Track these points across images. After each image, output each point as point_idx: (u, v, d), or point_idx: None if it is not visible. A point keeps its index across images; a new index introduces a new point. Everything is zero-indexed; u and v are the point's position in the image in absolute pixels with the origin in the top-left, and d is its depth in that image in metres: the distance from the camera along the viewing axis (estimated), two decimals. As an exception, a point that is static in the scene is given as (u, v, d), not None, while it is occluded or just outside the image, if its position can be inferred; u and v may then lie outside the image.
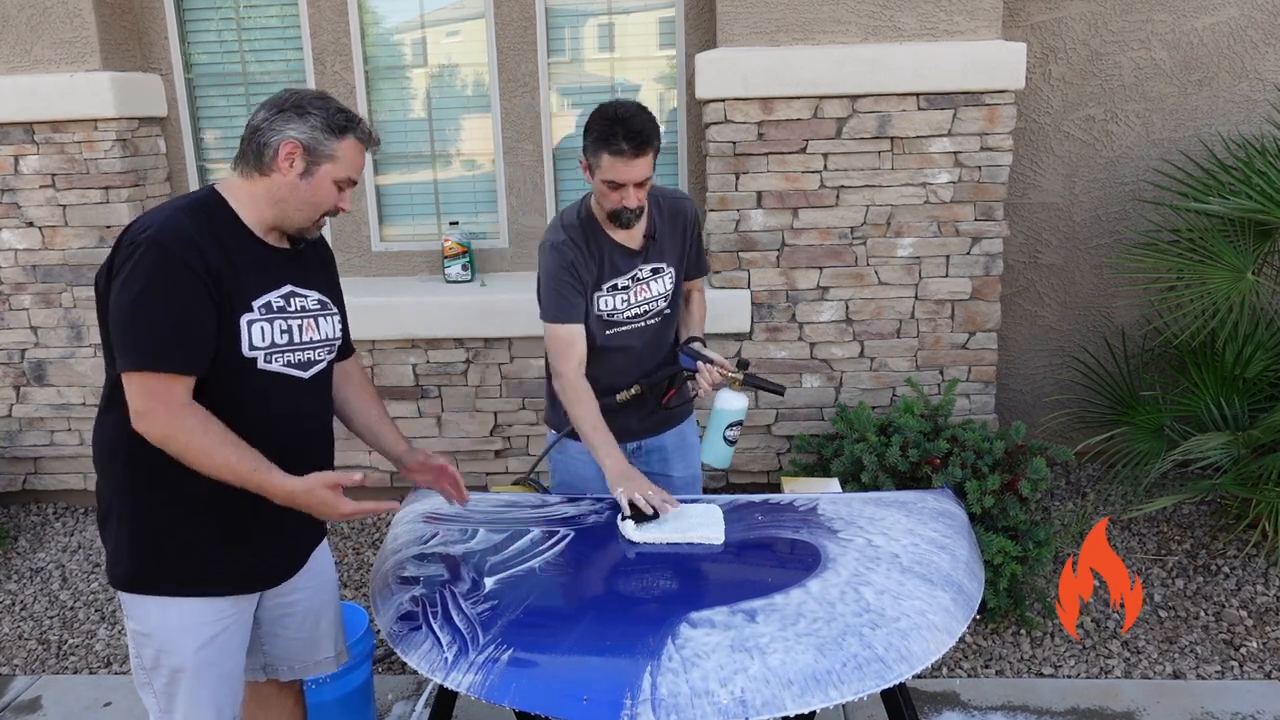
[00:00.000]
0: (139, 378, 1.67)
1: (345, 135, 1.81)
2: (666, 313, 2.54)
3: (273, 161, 1.79)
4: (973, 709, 2.84)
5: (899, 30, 3.64)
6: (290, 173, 1.79)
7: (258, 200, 1.82)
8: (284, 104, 1.79)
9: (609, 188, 2.29)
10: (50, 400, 4.23)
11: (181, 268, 1.68)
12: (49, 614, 3.55)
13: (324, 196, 1.83)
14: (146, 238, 1.68)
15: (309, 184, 1.81)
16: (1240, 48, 4.05)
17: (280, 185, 1.80)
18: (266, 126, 1.78)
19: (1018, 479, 3.14)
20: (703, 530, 2.10)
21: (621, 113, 2.24)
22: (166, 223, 1.71)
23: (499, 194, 4.30)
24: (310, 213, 1.84)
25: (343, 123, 1.81)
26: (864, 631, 1.72)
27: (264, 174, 1.80)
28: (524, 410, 4.10)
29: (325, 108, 1.80)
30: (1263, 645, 3.11)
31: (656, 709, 1.57)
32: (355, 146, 1.84)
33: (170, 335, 1.67)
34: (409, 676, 3.09)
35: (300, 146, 1.78)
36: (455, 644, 1.75)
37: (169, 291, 1.67)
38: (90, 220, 4.04)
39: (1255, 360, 3.71)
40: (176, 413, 1.67)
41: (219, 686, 1.88)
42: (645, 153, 2.25)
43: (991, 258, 3.80)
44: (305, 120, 1.78)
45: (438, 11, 4.19)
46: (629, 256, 2.45)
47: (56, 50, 3.93)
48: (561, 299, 2.38)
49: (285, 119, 1.78)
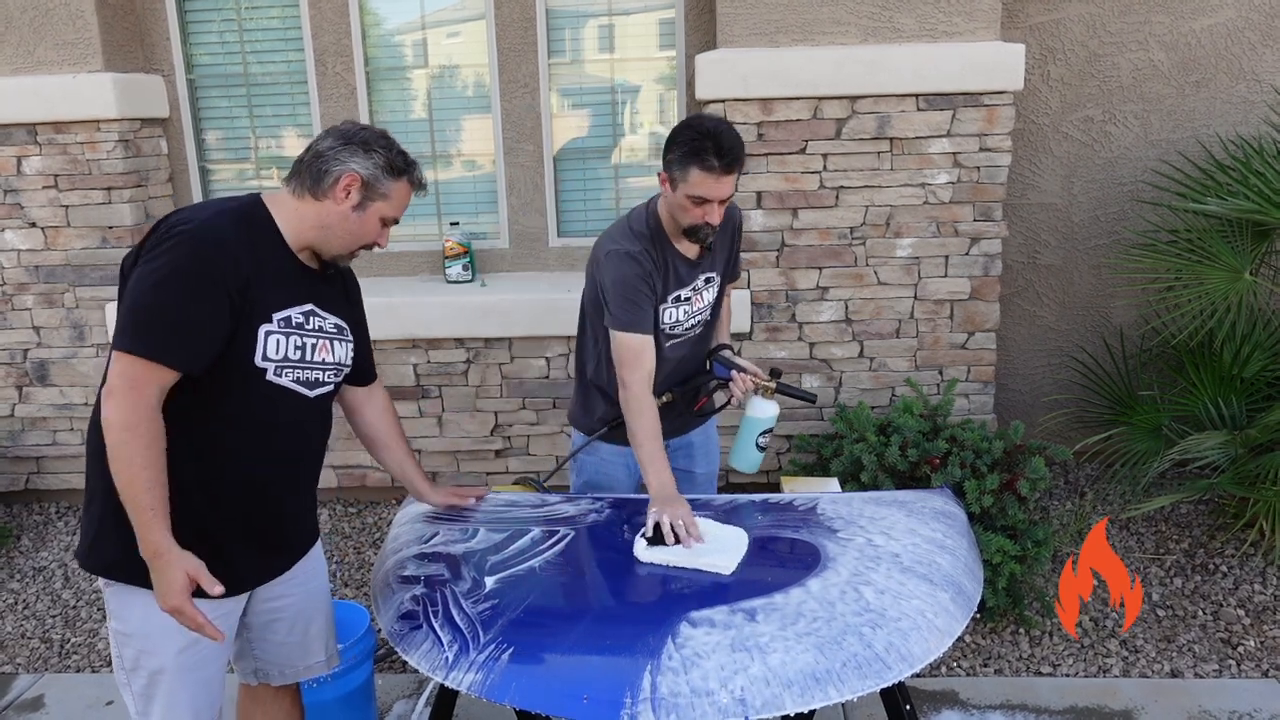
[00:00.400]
0: (127, 359, 1.67)
1: (402, 177, 1.88)
2: (709, 320, 2.55)
3: (331, 189, 1.82)
4: (972, 708, 2.85)
5: (898, 31, 3.65)
6: (344, 203, 1.84)
7: (304, 220, 1.85)
8: (352, 137, 1.84)
9: (693, 203, 2.23)
10: (53, 400, 4.24)
11: (210, 269, 1.70)
12: (51, 613, 3.56)
13: (369, 230, 1.88)
14: (184, 231, 1.70)
15: (359, 217, 1.85)
16: (1238, 49, 4.06)
17: (331, 213, 1.84)
18: (331, 155, 1.82)
19: (1016, 478, 3.15)
20: (713, 558, 2.00)
21: (712, 127, 2.18)
22: (207, 222, 1.73)
23: (499, 194, 4.31)
24: (352, 243, 1.89)
25: (402, 165, 1.87)
26: (864, 631, 1.73)
27: (317, 198, 1.84)
28: (524, 410, 4.12)
29: (389, 147, 1.86)
30: (1260, 644, 3.12)
31: (656, 708, 1.58)
32: (407, 189, 1.90)
33: (175, 330, 1.68)
34: (410, 676, 3.10)
35: (360, 180, 1.83)
36: (456, 643, 1.76)
37: (189, 288, 1.68)
38: (92, 221, 4.05)
39: (1253, 360, 3.72)
40: (139, 411, 1.66)
41: (198, 691, 1.88)
42: (734, 170, 2.20)
43: (990, 258, 3.82)
44: (370, 157, 1.83)
45: (438, 13, 4.20)
46: (690, 267, 2.42)
47: (59, 51, 3.94)
48: (636, 308, 2.32)
49: (351, 151, 1.82)
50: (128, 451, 1.66)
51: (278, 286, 1.82)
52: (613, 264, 2.34)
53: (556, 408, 4.10)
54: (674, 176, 2.24)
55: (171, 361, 1.69)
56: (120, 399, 1.66)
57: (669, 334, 2.45)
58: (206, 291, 1.69)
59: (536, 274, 4.35)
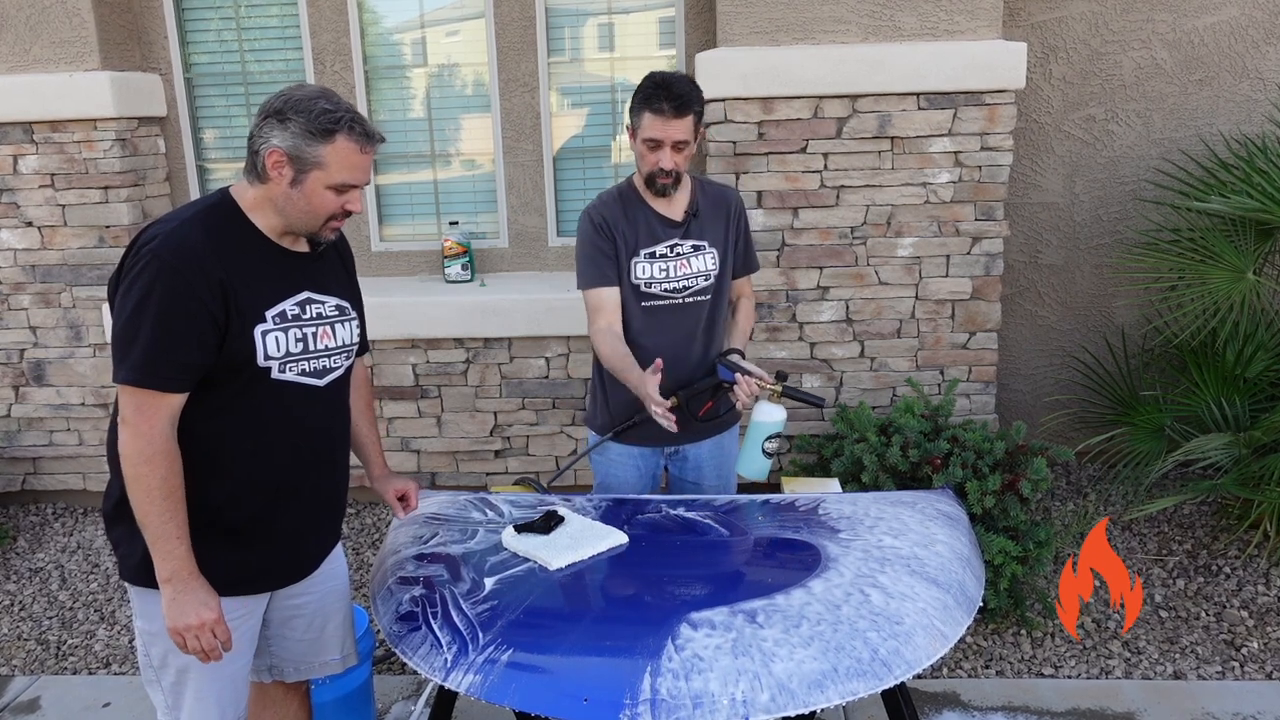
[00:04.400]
0: (128, 390, 1.67)
1: (332, 138, 1.71)
2: (707, 296, 2.54)
3: (265, 171, 1.74)
4: (973, 709, 2.83)
5: (899, 30, 3.64)
6: (281, 181, 1.74)
7: (264, 207, 1.79)
8: (269, 109, 1.73)
9: (648, 148, 2.38)
10: (49, 400, 4.22)
11: (181, 283, 1.66)
12: (48, 614, 3.55)
13: (320, 204, 1.76)
14: (149, 250, 1.66)
15: (300, 192, 1.75)
16: (1241, 47, 4.05)
17: (277, 194, 1.76)
18: (256, 133, 1.74)
19: (1018, 479, 3.14)
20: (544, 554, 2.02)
21: (666, 77, 2.35)
22: (172, 235, 1.68)
23: (499, 194, 4.29)
24: (312, 220, 1.79)
25: (327, 125, 1.70)
26: (865, 632, 1.72)
27: (262, 182, 1.77)
28: (524, 410, 4.10)
29: (308, 110, 1.70)
30: (1263, 646, 3.10)
31: (656, 709, 1.56)
32: (346, 148, 1.73)
33: (160, 353, 1.66)
34: (409, 677, 3.08)
35: (285, 155, 1.72)
36: (455, 644, 1.75)
37: (164, 307, 1.65)
38: (89, 220, 4.04)
39: (1256, 360, 3.70)
40: (154, 441, 1.67)
41: (224, 687, 1.88)
42: (685, 114, 2.33)
43: (992, 258, 3.80)
44: (286, 127, 1.70)
45: (437, 11, 4.19)
46: (669, 226, 2.50)
47: (55, 50, 3.93)
48: (592, 263, 2.46)
49: (270, 126, 1.72)
50: (146, 484, 1.67)
51: (264, 281, 1.77)
52: (577, 230, 2.52)
53: (556, 408, 4.09)
54: (632, 124, 2.41)
55: (168, 386, 1.67)
56: (133, 430, 1.67)
57: (644, 291, 2.49)
58: (182, 307, 1.66)
59: (536, 274, 4.33)
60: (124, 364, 1.67)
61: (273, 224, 1.80)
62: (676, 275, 2.49)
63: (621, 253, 2.46)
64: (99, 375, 4.16)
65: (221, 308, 1.70)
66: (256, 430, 1.79)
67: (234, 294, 1.71)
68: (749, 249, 2.67)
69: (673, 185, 2.43)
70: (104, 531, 1.98)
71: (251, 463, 1.81)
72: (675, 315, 2.51)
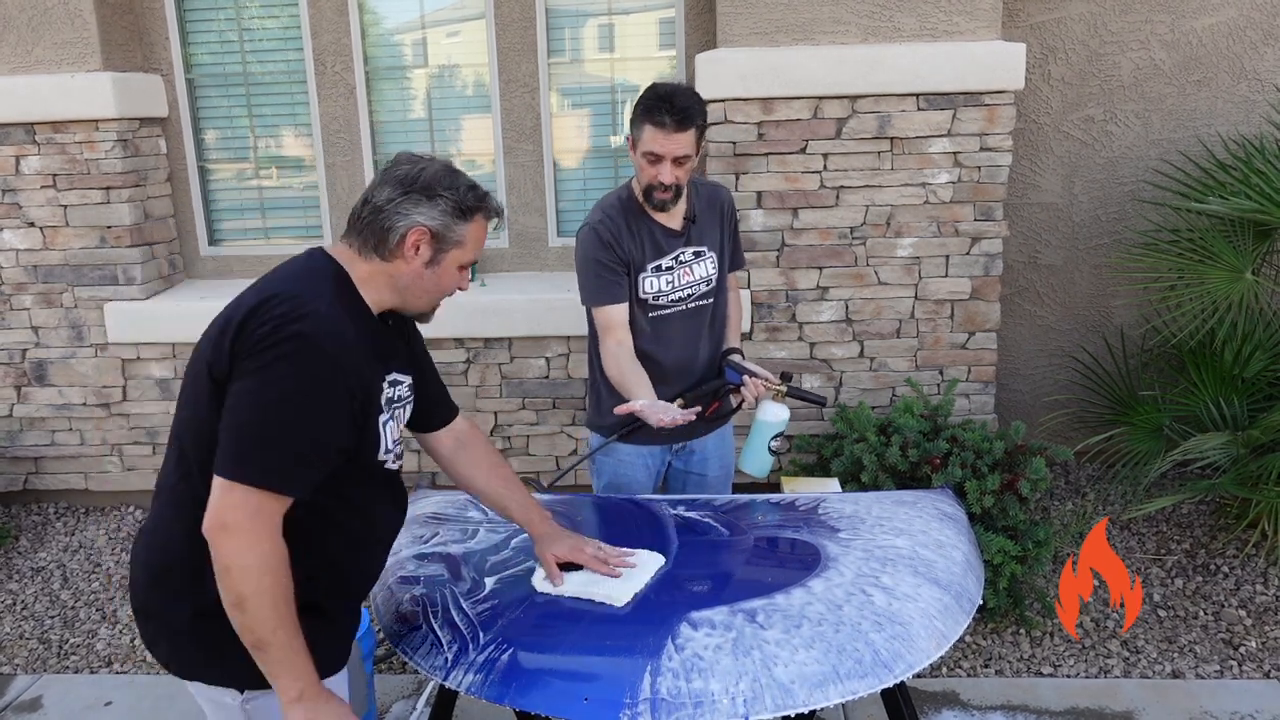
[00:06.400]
0: (242, 491, 1.46)
1: (474, 216, 1.66)
2: (709, 300, 2.55)
3: (398, 248, 1.62)
4: (972, 708, 2.84)
5: (898, 30, 3.64)
6: (415, 260, 1.64)
7: (378, 283, 1.65)
8: (411, 183, 1.62)
9: (647, 161, 2.33)
10: (51, 400, 4.23)
11: (337, 376, 1.51)
12: (50, 613, 3.56)
13: (449, 283, 1.69)
14: (297, 332, 1.49)
15: (434, 272, 1.66)
16: (1239, 48, 4.06)
17: (404, 273, 1.64)
18: (392, 209, 1.61)
19: (1017, 479, 3.14)
20: (608, 588, 1.88)
21: (669, 90, 2.30)
22: (323, 320, 1.52)
23: (499, 194, 4.30)
24: (434, 299, 1.71)
25: (473, 203, 1.65)
26: (868, 633, 1.72)
27: (385, 259, 1.63)
28: (524, 410, 4.11)
29: (455, 187, 1.63)
30: (1262, 644, 3.11)
31: (656, 709, 1.57)
32: (483, 226, 1.69)
33: (304, 454, 1.50)
34: (409, 676, 3.09)
35: (429, 234, 1.63)
36: (455, 643, 1.76)
37: (318, 403, 1.50)
38: (91, 220, 4.04)
39: (1254, 360, 3.71)
40: (274, 549, 1.47)
41: None
42: (687, 128, 2.28)
43: (991, 258, 3.81)
44: (435, 204, 1.62)
45: (438, 12, 4.19)
46: (671, 237, 2.47)
47: (57, 50, 3.93)
48: (599, 280, 2.40)
49: (413, 202, 1.61)
50: (271, 598, 1.46)
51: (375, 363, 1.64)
52: (578, 242, 2.45)
53: (556, 408, 4.10)
54: (633, 136, 2.37)
55: (297, 490, 1.51)
56: (248, 537, 1.45)
57: (652, 304, 2.47)
58: (332, 405, 1.51)
59: (536, 274, 4.34)
60: (253, 463, 1.46)
61: (381, 300, 1.67)
62: (681, 284, 2.49)
63: (629, 268, 2.42)
64: (100, 375, 4.17)
65: (361, 404, 1.58)
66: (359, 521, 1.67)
67: (367, 386, 1.59)
68: (737, 248, 2.67)
69: (671, 201, 2.38)
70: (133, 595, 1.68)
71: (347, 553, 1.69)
72: (681, 322, 2.52)
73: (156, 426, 4.21)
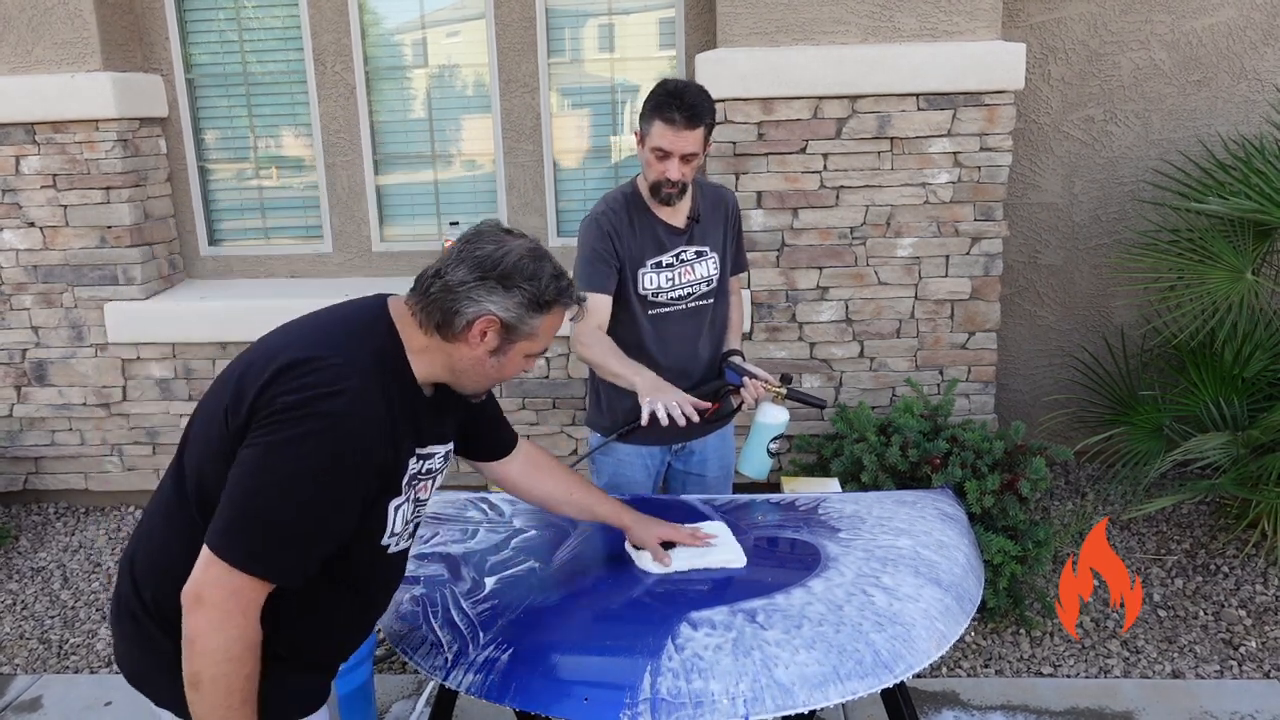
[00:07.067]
0: (225, 569, 1.37)
1: (552, 309, 1.55)
2: (709, 301, 2.56)
3: (463, 333, 1.51)
4: (972, 708, 2.84)
5: (899, 30, 3.64)
6: (480, 347, 1.53)
7: (432, 359, 1.54)
8: (490, 269, 1.49)
9: (655, 157, 2.34)
10: (51, 400, 4.23)
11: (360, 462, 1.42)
12: (50, 613, 3.56)
13: (511, 371, 1.59)
14: (328, 413, 1.39)
15: (497, 361, 1.55)
16: (1239, 48, 4.06)
17: (464, 358, 1.54)
18: (464, 293, 1.48)
19: (1017, 479, 3.14)
20: (720, 555, 1.98)
21: (680, 87, 2.31)
22: (358, 398, 1.42)
23: (499, 194, 4.30)
24: (489, 384, 1.61)
25: (553, 295, 1.53)
26: (867, 632, 1.72)
27: (446, 339, 1.52)
28: (524, 410, 4.11)
29: (537, 277, 1.51)
30: (1262, 645, 3.11)
31: (656, 709, 1.57)
32: (560, 316, 1.57)
33: (299, 543, 1.41)
34: (409, 676, 3.09)
35: (500, 324, 1.51)
36: (455, 644, 1.76)
37: (328, 492, 1.41)
38: (91, 220, 4.04)
39: (1254, 360, 3.71)
40: (246, 636, 1.39)
41: None
42: (695, 126, 2.30)
43: (991, 258, 3.81)
44: (511, 294, 1.50)
45: (438, 12, 4.19)
46: (674, 234, 2.48)
47: (57, 50, 3.93)
48: (591, 268, 2.41)
49: (488, 289, 1.49)
50: (224, 687, 1.37)
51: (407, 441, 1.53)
52: (580, 230, 2.48)
53: (556, 408, 4.10)
54: (642, 131, 2.37)
55: (282, 581, 1.42)
56: (219, 616, 1.36)
57: (651, 301, 2.48)
58: (344, 493, 1.42)
59: (536, 274, 4.33)
60: (241, 547, 1.37)
61: (431, 375, 1.57)
62: (682, 283, 2.50)
63: (625, 264, 2.44)
64: (100, 375, 4.17)
65: (376, 488, 1.48)
66: (351, 596, 1.60)
67: (388, 468, 1.49)
68: (740, 251, 2.67)
69: (678, 195, 2.40)
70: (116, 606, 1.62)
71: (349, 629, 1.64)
72: (681, 321, 2.53)
73: (156, 426, 4.21)
